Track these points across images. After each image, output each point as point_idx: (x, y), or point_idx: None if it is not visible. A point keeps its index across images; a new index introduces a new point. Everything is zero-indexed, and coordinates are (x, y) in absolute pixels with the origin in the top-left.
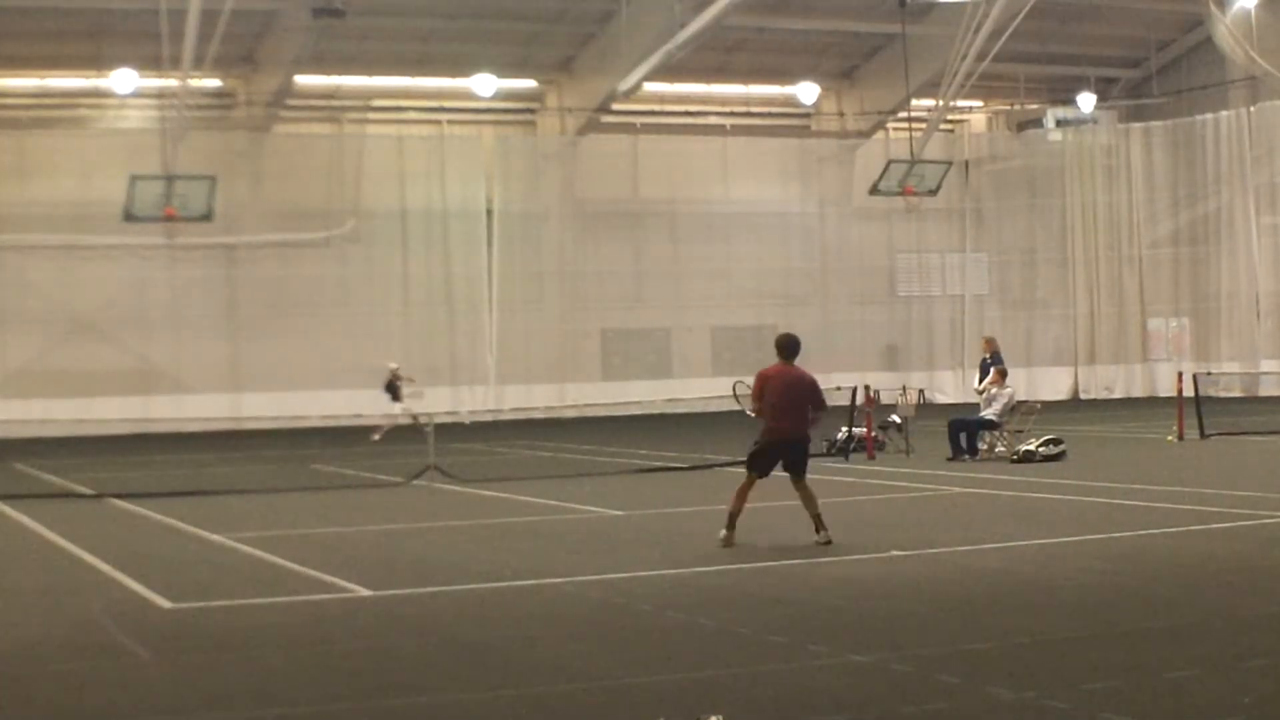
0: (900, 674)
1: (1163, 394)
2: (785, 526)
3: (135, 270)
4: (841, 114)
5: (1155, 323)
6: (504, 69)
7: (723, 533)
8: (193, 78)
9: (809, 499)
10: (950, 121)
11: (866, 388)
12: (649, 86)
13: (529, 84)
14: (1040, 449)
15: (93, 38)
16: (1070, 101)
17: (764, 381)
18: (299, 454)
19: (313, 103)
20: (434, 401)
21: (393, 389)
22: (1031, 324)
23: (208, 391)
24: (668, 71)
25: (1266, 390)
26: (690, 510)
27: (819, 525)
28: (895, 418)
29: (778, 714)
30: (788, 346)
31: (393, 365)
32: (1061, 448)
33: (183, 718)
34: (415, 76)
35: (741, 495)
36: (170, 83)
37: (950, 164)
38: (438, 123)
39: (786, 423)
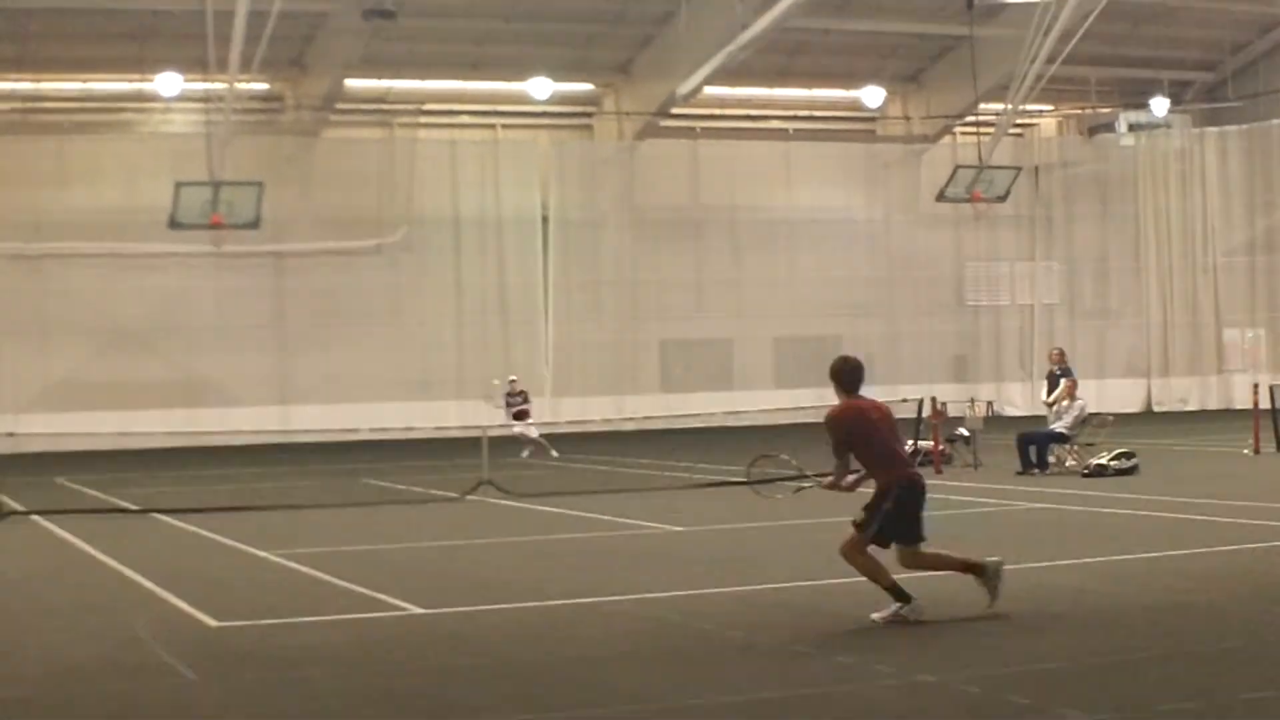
0: (969, 695)
1: (1238, 406)
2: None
3: (180, 279)
4: (908, 118)
5: (1231, 333)
6: (560, 72)
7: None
8: (240, 81)
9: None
10: (1019, 126)
11: (933, 400)
12: (709, 90)
13: (586, 87)
14: (1112, 463)
15: (136, 40)
16: (1143, 105)
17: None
18: (349, 468)
19: (363, 106)
20: (489, 414)
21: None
22: (1103, 334)
23: (255, 404)
24: (729, 74)
25: None
26: (753, 526)
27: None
28: (963, 431)
29: None
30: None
31: (512, 378)
32: (1134, 461)
33: None
34: (469, 80)
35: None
36: (216, 86)
37: (1019, 169)
38: (492, 127)
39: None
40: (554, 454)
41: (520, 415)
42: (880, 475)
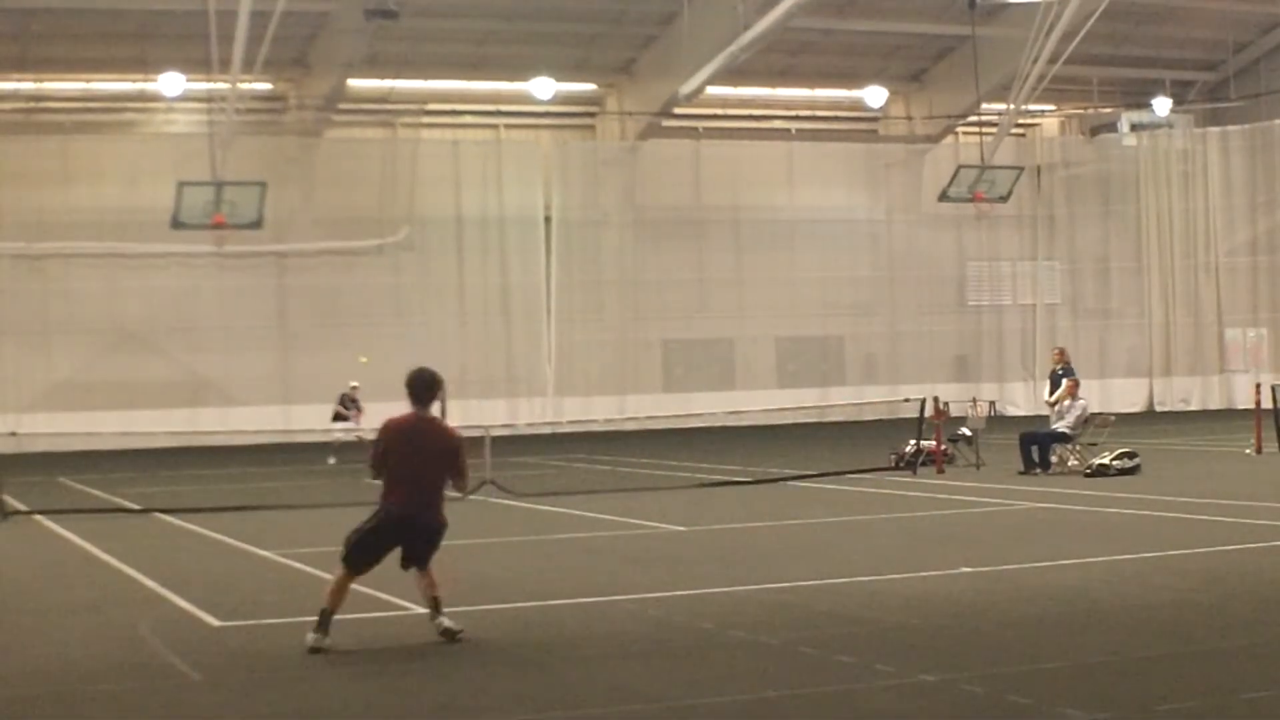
0: (971, 694)
1: (1240, 406)
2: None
3: (183, 279)
4: (910, 118)
5: (1232, 333)
6: (562, 72)
7: (311, 636)
8: (242, 81)
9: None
10: (1021, 126)
11: (935, 400)
12: (712, 90)
13: (588, 87)
14: (1114, 462)
15: (139, 40)
16: (1145, 105)
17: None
18: (351, 468)
19: (366, 106)
20: (491, 414)
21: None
22: (1105, 334)
23: (257, 404)
24: (731, 74)
25: None
26: (754, 525)
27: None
28: (965, 430)
29: None
30: (422, 385)
31: (354, 384)
32: (1136, 461)
33: None
34: (471, 79)
35: (340, 591)
36: (219, 86)
37: (1021, 169)
38: (494, 127)
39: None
40: (331, 460)
41: (341, 418)
42: (385, 495)
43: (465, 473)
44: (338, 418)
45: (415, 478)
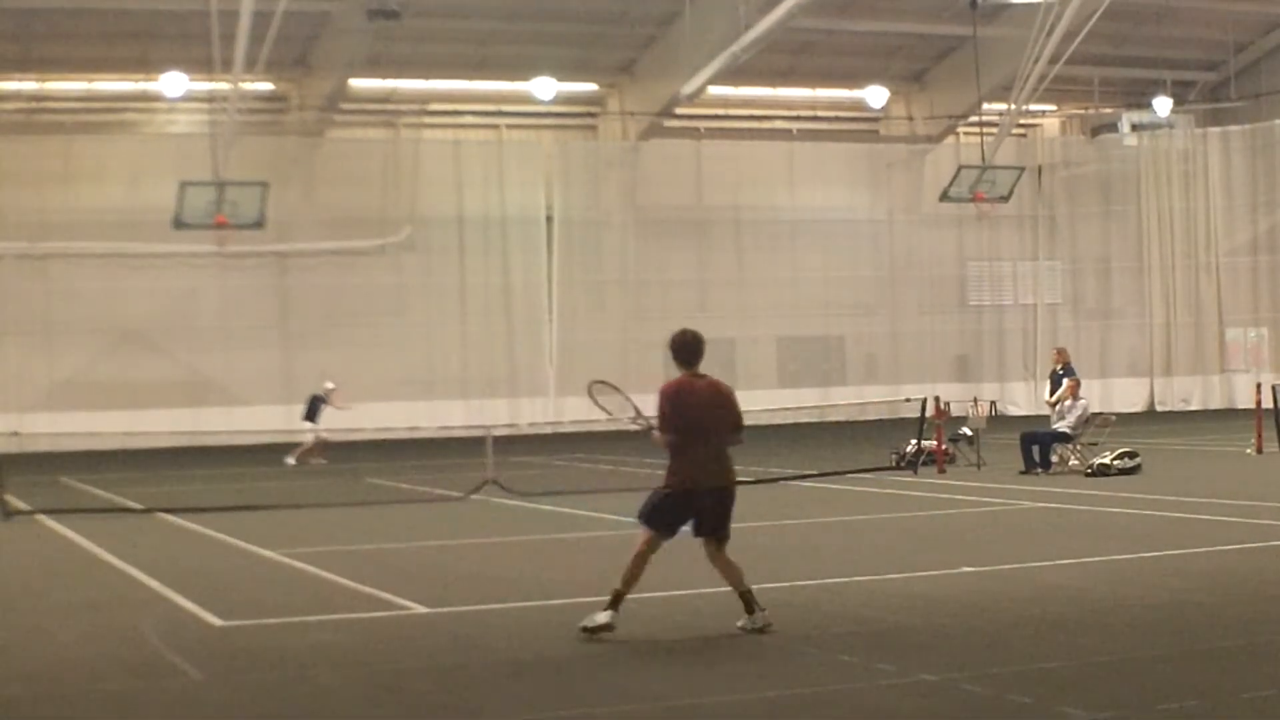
0: (971, 694)
1: (1241, 406)
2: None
3: (185, 279)
4: (911, 118)
5: (1233, 333)
6: (564, 72)
7: (603, 615)
8: (244, 81)
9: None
10: (1022, 126)
11: (936, 399)
12: (713, 90)
13: (590, 87)
14: (1115, 462)
15: (141, 40)
16: (1146, 105)
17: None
18: (353, 467)
19: (367, 106)
20: (493, 414)
21: (314, 409)
22: (1106, 334)
23: (259, 403)
24: (732, 74)
25: None
26: (754, 525)
27: (751, 605)
28: (966, 430)
29: None
30: (687, 345)
31: (329, 385)
32: (1137, 461)
33: None
34: (473, 79)
35: (640, 562)
36: (221, 86)
37: (1023, 169)
38: (496, 127)
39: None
40: (290, 461)
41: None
42: (673, 462)
43: (742, 420)
44: (310, 415)
45: (702, 434)
